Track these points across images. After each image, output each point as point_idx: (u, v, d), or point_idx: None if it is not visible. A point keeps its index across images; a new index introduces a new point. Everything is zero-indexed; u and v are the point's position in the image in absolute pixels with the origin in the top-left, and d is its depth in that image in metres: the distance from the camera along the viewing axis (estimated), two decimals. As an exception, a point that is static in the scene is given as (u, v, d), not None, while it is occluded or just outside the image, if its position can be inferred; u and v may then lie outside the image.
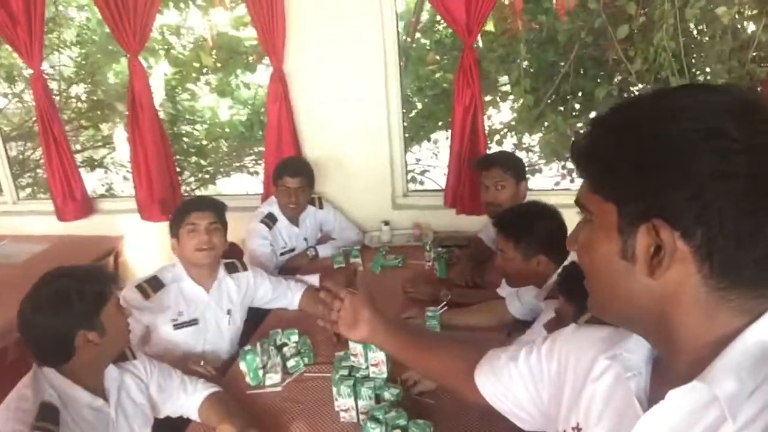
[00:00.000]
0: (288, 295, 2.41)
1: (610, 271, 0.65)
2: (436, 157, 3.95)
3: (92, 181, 4.56)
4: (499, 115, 3.75)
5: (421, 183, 3.92)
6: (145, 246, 3.53)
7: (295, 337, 2.08)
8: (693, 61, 3.13)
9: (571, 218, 0.79)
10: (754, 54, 2.89)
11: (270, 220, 2.89)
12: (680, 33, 2.88)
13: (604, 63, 3.14)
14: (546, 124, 3.33)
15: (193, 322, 2.18)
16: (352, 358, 1.86)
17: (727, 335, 0.59)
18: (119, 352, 1.65)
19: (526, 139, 3.77)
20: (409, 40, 3.51)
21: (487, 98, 3.47)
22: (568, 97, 3.35)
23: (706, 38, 3.04)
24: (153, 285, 2.13)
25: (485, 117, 3.09)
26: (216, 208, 2.19)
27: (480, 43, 3.35)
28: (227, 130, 4.50)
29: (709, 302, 0.59)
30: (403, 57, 3.10)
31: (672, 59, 2.90)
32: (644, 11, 2.95)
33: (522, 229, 1.98)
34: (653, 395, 0.67)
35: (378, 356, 1.82)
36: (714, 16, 2.90)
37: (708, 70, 3.07)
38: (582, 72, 3.19)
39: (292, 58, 3.05)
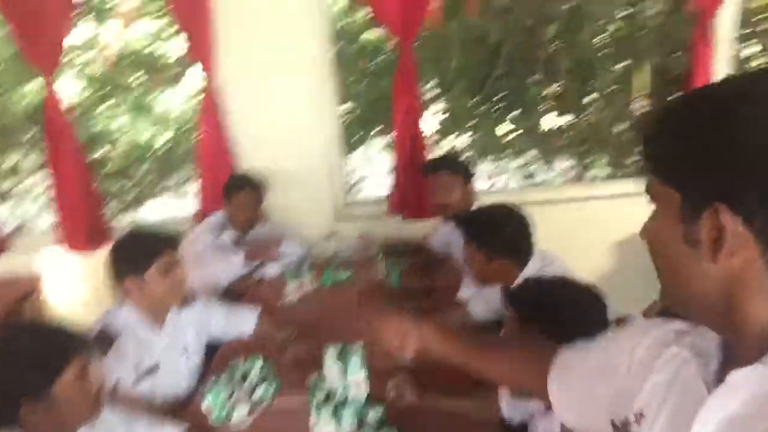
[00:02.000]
0: (242, 321, 2.25)
1: (676, 258, 0.65)
2: (372, 165, 3.90)
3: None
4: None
5: (358, 192, 3.86)
6: (66, 283, 3.24)
7: (259, 363, 1.94)
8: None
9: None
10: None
11: (220, 246, 2.74)
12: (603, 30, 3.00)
13: (532, 62, 3.21)
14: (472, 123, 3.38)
15: (153, 370, 1.90)
16: (327, 380, 1.77)
17: None
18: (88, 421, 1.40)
19: (456, 141, 3.78)
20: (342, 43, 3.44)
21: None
22: (493, 99, 3.40)
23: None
24: (103, 340, 1.82)
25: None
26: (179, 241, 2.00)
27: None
28: (148, 150, 4.24)
29: None
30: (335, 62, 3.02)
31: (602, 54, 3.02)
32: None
33: (484, 231, 1.97)
34: (722, 380, 0.65)
35: (357, 377, 1.73)
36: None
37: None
38: (511, 72, 3.24)
39: (222, 69, 2.91)
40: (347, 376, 1.73)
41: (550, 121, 3.58)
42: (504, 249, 1.95)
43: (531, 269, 1.99)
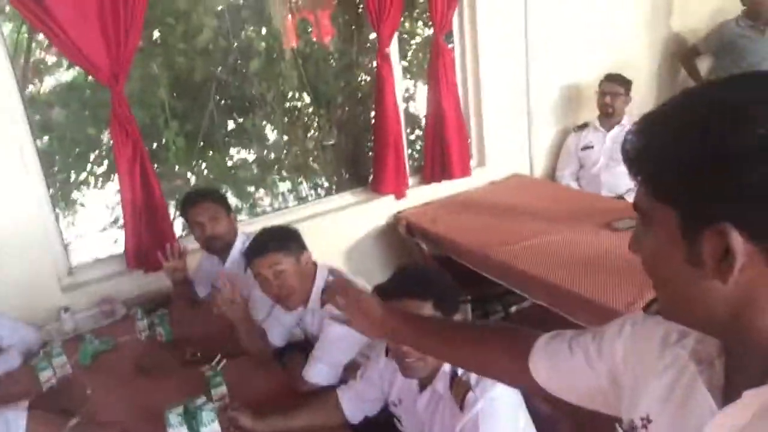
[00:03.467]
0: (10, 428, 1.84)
1: (679, 278, 0.62)
2: (74, 226, 3.45)
3: None
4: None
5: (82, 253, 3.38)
6: None
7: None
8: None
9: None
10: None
11: None
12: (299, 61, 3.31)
13: (243, 97, 3.33)
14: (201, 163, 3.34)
15: None
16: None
17: None
18: None
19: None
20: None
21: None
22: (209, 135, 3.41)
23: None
24: None
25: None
26: None
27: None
28: None
29: None
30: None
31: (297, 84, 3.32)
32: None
33: (280, 237, 2.14)
34: (728, 388, 0.66)
35: (212, 429, 1.63)
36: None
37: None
38: (227, 106, 3.30)
39: None
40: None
41: (242, 154, 3.74)
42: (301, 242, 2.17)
43: (322, 279, 2.15)
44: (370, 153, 3.53)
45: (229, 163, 3.46)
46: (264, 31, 3.28)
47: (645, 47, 4.30)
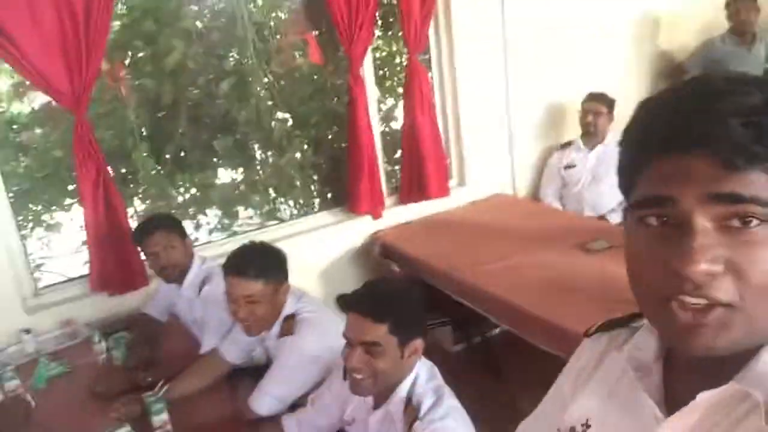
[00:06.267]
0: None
1: None
2: (48, 247, 3.46)
3: None
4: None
5: (37, 279, 3.38)
6: None
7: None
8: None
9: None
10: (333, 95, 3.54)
11: None
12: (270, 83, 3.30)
13: (216, 117, 3.32)
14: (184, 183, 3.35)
15: None
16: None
17: None
18: None
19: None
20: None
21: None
22: (182, 154, 3.41)
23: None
24: None
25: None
26: None
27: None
28: None
29: None
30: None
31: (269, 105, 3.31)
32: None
33: (264, 263, 2.01)
34: (669, 394, 0.65)
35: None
36: (295, 65, 3.42)
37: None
38: (197, 127, 3.30)
39: None
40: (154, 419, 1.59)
41: (227, 174, 3.73)
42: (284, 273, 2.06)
43: (290, 305, 2.09)
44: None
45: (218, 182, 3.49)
46: (235, 52, 3.28)
47: (631, 65, 4.25)
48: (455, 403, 1.54)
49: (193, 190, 3.50)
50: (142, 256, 2.66)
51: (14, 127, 3.16)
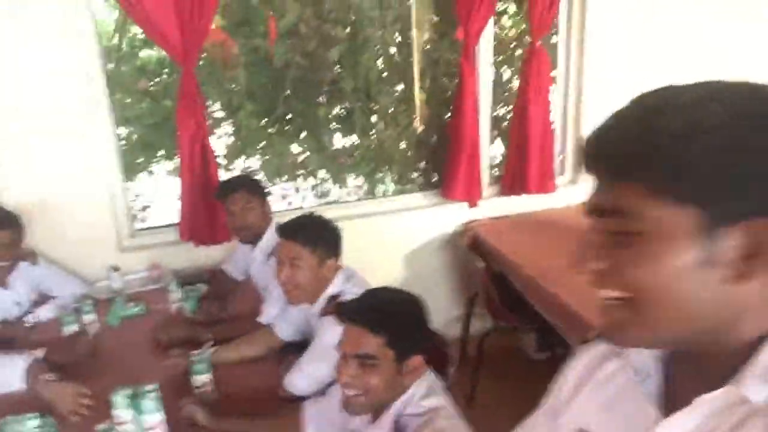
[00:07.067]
0: (11, 373, 1.95)
1: (681, 285, 0.55)
2: (157, 192, 3.66)
3: None
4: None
5: (143, 220, 3.60)
6: None
7: (35, 422, 1.69)
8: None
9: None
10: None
11: None
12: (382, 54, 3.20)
13: (318, 84, 3.29)
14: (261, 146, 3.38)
15: None
16: (119, 428, 1.60)
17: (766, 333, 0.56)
18: None
19: (245, 163, 3.73)
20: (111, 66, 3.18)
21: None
22: (288, 118, 3.42)
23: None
24: None
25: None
26: None
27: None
28: None
29: None
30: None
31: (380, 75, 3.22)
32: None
33: (317, 233, 2.00)
34: (669, 397, 0.64)
35: (153, 420, 1.60)
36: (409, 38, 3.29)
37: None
38: (298, 94, 3.29)
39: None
40: (142, 420, 1.59)
41: (339, 141, 3.72)
42: (332, 248, 2.02)
43: (337, 285, 2.03)
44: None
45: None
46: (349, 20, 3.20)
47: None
48: (445, 425, 1.36)
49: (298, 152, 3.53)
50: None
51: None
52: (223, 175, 2.97)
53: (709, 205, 0.53)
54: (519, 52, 3.63)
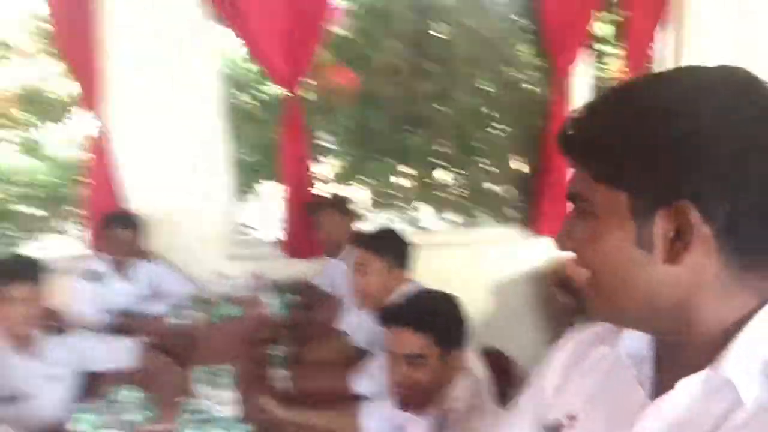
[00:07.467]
0: (121, 352, 2.26)
1: (625, 263, 0.60)
2: (262, 210, 4.00)
3: None
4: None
5: (248, 234, 3.94)
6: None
7: (135, 392, 1.96)
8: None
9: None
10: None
11: (92, 276, 2.74)
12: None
13: (414, 118, 3.47)
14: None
15: (15, 397, 1.94)
16: (195, 401, 1.83)
17: (743, 318, 0.58)
18: None
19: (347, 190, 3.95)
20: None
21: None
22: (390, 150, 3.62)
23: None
24: None
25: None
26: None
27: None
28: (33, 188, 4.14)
29: (728, 285, 0.58)
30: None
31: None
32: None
33: (386, 242, 2.19)
34: (659, 382, 0.66)
35: (224, 395, 1.81)
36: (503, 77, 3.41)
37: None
38: (394, 127, 3.50)
39: (115, 109, 2.98)
40: (216, 394, 1.80)
41: (439, 175, 3.86)
42: (403, 259, 2.17)
43: (403, 294, 2.15)
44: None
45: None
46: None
47: None
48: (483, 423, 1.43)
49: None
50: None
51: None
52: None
53: (635, 191, 0.58)
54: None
